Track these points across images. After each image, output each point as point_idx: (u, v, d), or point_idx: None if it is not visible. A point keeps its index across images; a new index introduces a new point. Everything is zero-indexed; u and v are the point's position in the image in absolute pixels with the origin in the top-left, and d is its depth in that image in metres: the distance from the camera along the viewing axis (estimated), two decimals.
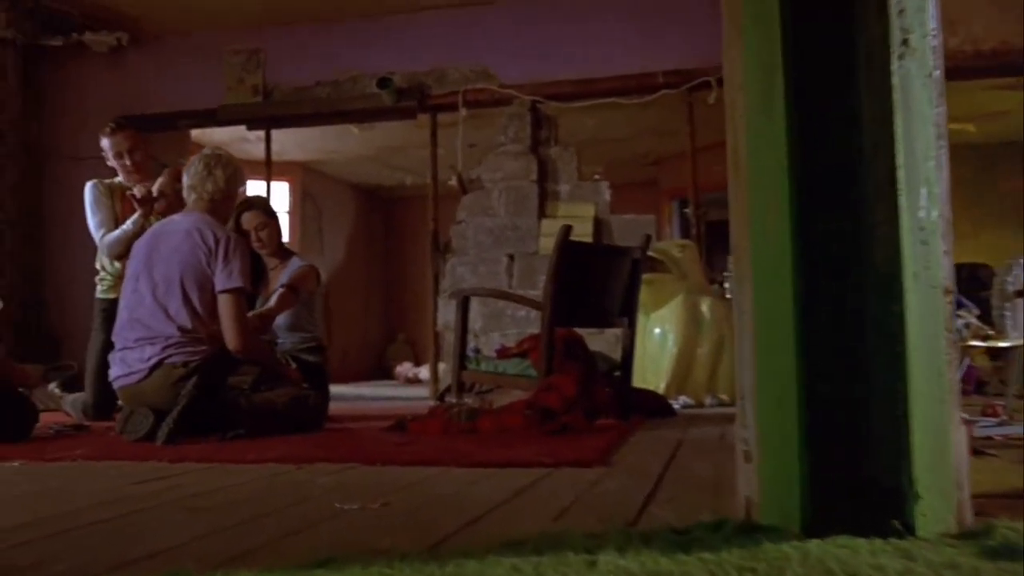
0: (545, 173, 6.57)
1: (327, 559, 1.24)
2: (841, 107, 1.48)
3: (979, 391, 5.67)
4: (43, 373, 6.29)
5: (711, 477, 2.19)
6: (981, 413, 3.60)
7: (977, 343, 4.26)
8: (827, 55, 1.49)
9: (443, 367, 6.83)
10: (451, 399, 3.75)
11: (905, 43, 1.46)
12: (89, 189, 4.51)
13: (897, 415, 1.42)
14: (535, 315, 6.41)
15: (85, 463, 2.67)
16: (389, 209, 13.52)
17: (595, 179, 6.59)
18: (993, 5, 5.86)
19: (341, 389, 8.94)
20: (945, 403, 1.43)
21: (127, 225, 4.33)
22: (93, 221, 4.45)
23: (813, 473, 1.45)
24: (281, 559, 1.30)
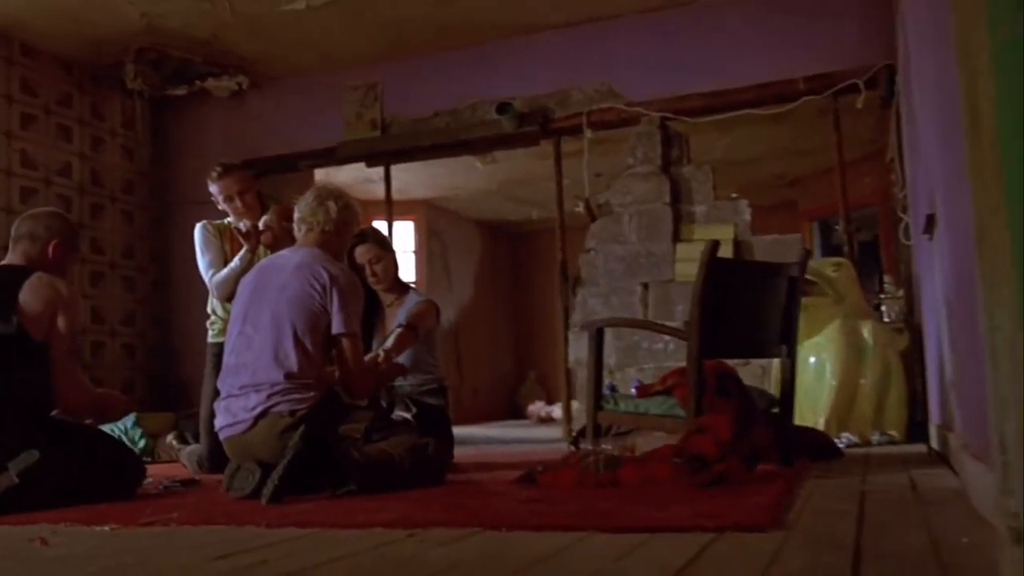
0: (678, 194, 6.11)
1: None
2: None
3: None
4: (174, 422, 6.21)
5: (927, 548, 1.69)
6: None
7: None
8: None
9: (576, 406, 6.40)
10: (586, 445, 3.32)
11: None
12: (198, 230, 4.34)
13: None
14: (674, 347, 5.93)
15: (178, 528, 2.37)
16: (515, 244, 13.27)
17: (732, 198, 6.08)
18: None
19: (471, 431, 8.64)
20: None
21: (234, 263, 4.13)
22: (203, 262, 4.26)
23: None
24: None
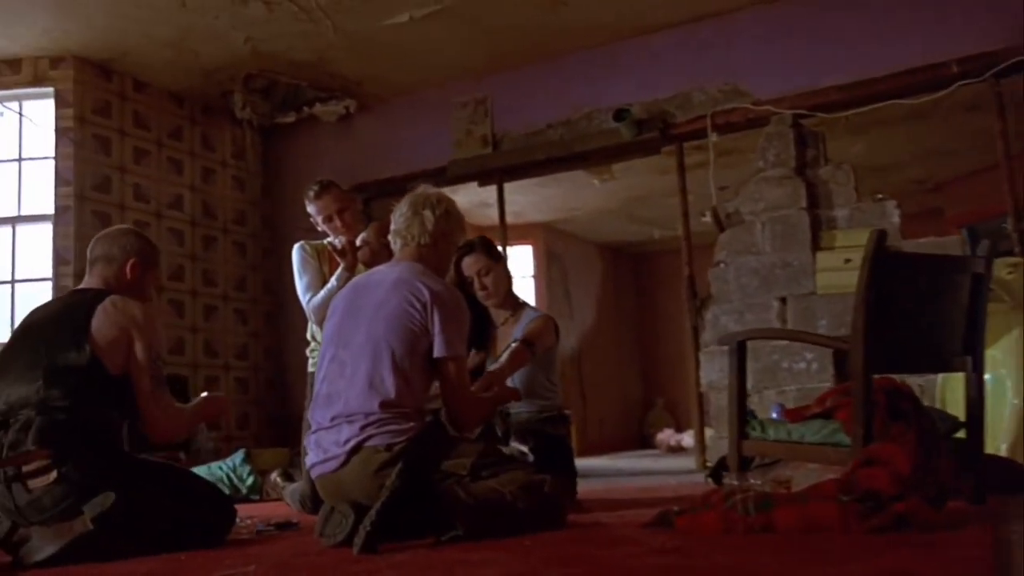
0: (816, 198, 5.54)
1: None
2: None
3: None
4: (288, 459, 5.98)
5: None
6: None
7: None
8: None
9: (710, 433, 5.87)
10: (730, 480, 2.83)
11: None
12: (296, 251, 4.08)
13: None
14: (818, 367, 5.34)
15: None
16: (637, 265, 12.78)
17: (878, 199, 5.46)
18: None
19: (597, 463, 8.17)
20: None
21: (331, 283, 3.83)
22: (300, 285, 3.99)
23: None
24: None
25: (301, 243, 4.10)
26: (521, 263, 10.58)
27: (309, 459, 2.83)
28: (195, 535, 2.77)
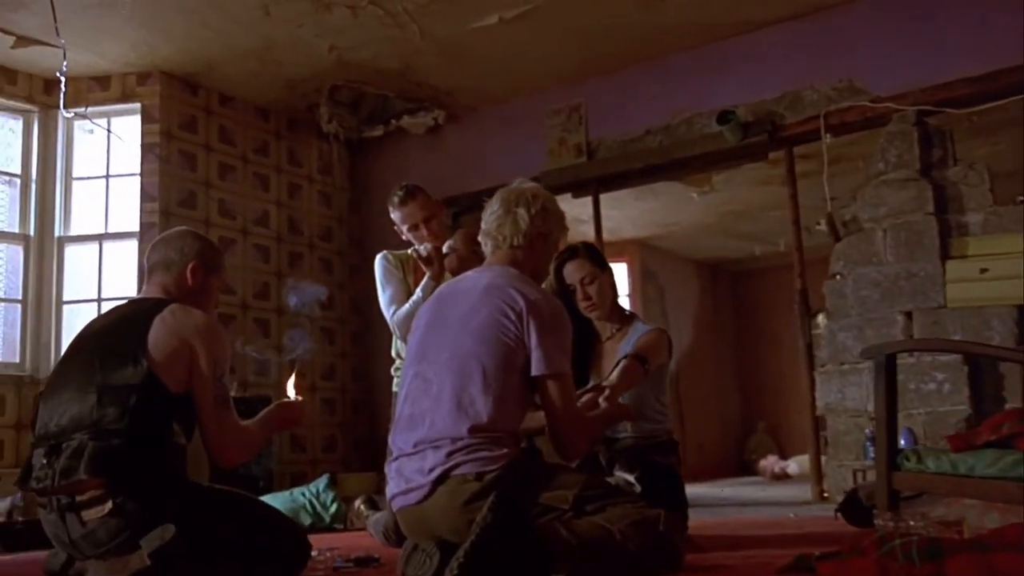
0: (944, 202, 5.03)
1: None
2: None
3: None
4: (376, 484, 5.70)
5: None
6: None
7: None
8: None
9: (826, 461, 5.37)
10: (886, 521, 2.40)
11: None
12: (378, 261, 3.79)
13: None
14: (950, 389, 4.82)
15: None
16: (737, 284, 12.27)
17: (1020, 202, 4.92)
18: None
19: (700, 490, 7.69)
20: None
21: (416, 294, 3.53)
22: (383, 297, 3.70)
23: None
24: None
25: (384, 253, 3.82)
26: (616, 281, 10.19)
27: (389, 489, 2.51)
28: (264, 571, 2.49)
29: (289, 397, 2.84)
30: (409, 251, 3.73)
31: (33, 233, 5.82)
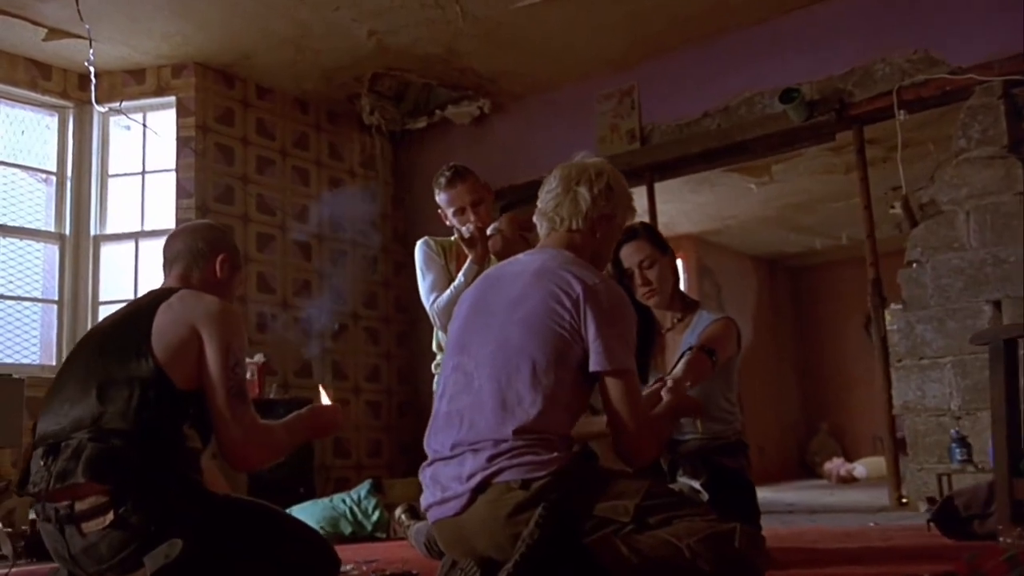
0: None
1: None
2: None
3: None
4: (420, 490, 5.43)
5: None
6: None
7: None
8: None
9: (905, 464, 4.96)
10: (1013, 539, 2.03)
11: None
12: (419, 248, 3.50)
13: None
14: None
15: None
16: (796, 280, 11.82)
17: None
18: None
19: (763, 494, 7.25)
20: None
21: (458, 279, 3.23)
22: (424, 286, 3.41)
23: None
24: None
25: (425, 239, 3.53)
26: (677, 267, 9.85)
27: (424, 499, 2.21)
28: None
29: (323, 402, 2.58)
30: (453, 238, 3.43)
31: (69, 232, 5.66)
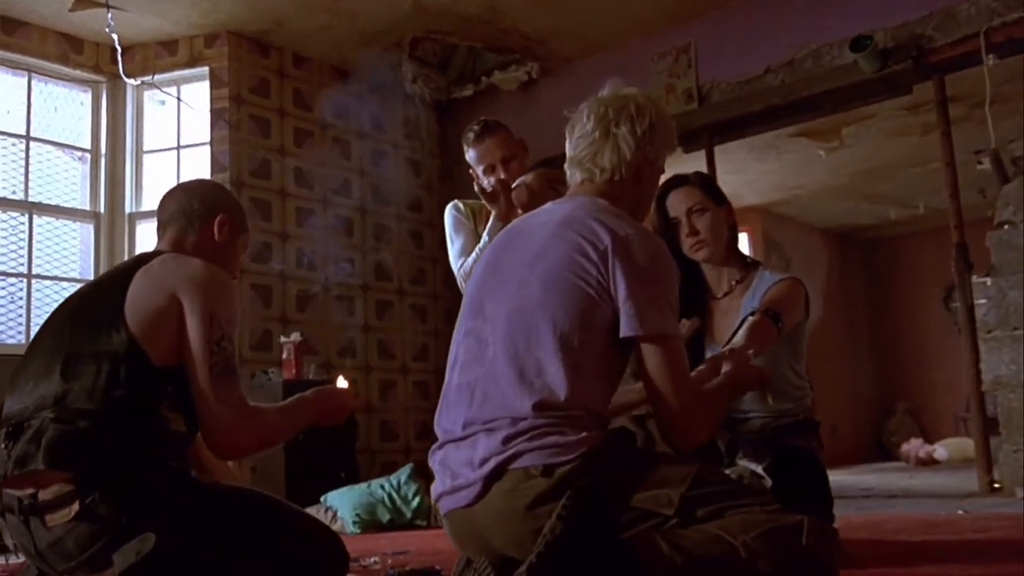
0: None
1: None
2: None
3: None
4: None
5: None
6: None
7: None
8: None
9: (997, 444, 4.51)
10: None
11: None
12: (448, 211, 3.24)
13: None
14: None
15: None
16: (869, 254, 11.26)
17: None
18: None
19: (838, 477, 6.80)
20: None
21: (483, 239, 2.94)
22: (452, 251, 3.15)
23: None
24: None
25: (454, 202, 3.27)
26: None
27: (435, 488, 1.90)
28: None
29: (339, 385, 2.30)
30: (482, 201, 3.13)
31: (104, 210, 5.49)
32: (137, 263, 2.05)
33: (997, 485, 4.44)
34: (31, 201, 5.30)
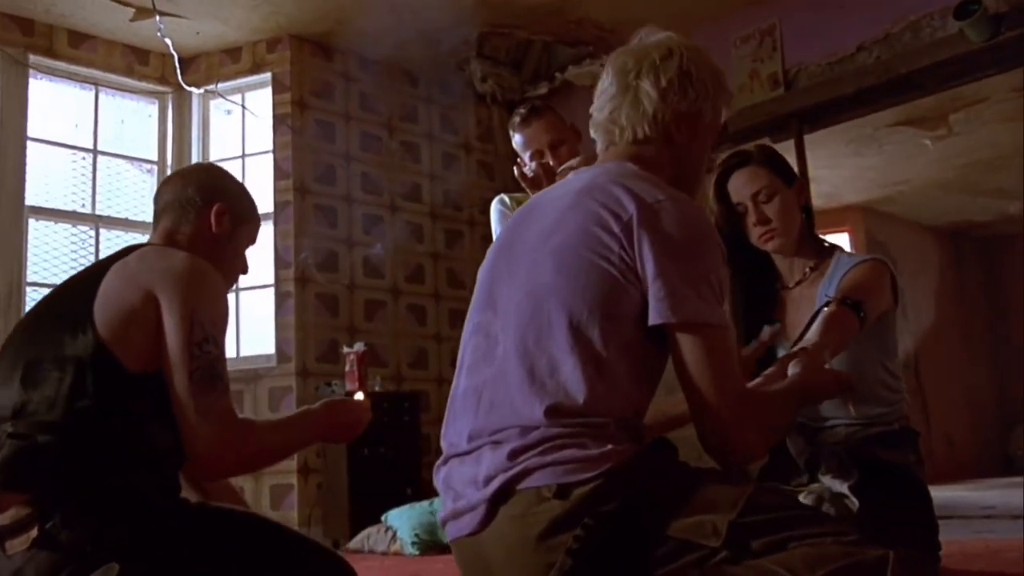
0: None
1: None
2: None
3: None
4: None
5: None
6: None
7: None
8: None
9: None
10: None
11: None
12: (494, 205, 3.05)
13: None
14: None
15: None
16: (986, 253, 10.54)
17: None
18: None
19: (953, 493, 6.29)
20: None
21: None
22: None
23: None
24: None
25: (500, 196, 3.07)
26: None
27: (442, 509, 1.61)
28: None
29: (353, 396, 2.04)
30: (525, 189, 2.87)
31: None
32: (117, 257, 1.83)
33: None
34: (98, 215, 5.25)
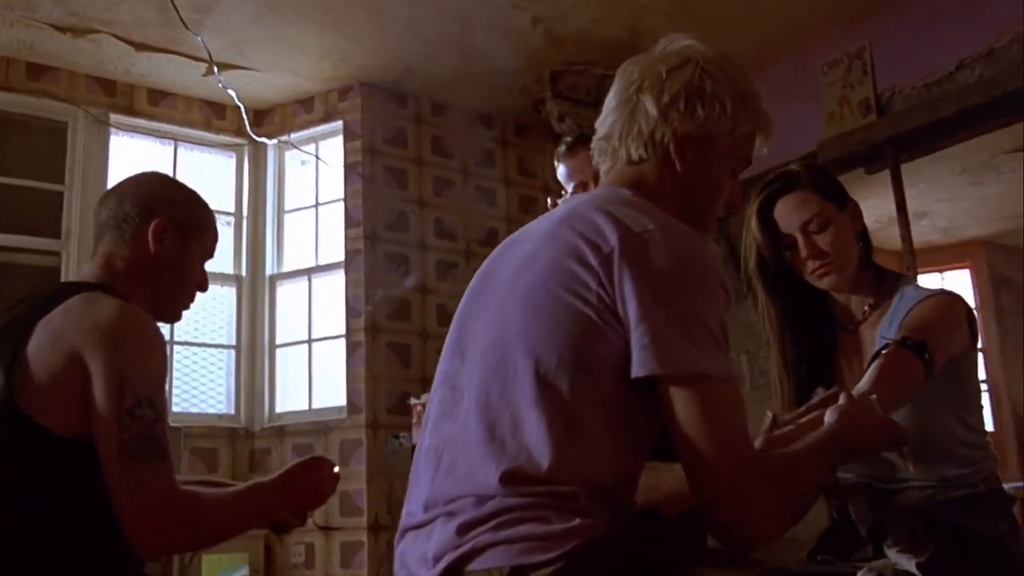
0: None
1: None
2: None
3: None
4: None
5: None
6: None
7: None
8: None
9: None
10: None
11: None
12: None
13: None
14: None
15: None
16: None
17: None
18: None
19: None
20: None
21: None
22: None
23: None
24: None
25: None
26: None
27: None
28: None
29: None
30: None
31: (246, 273, 5.38)
32: (45, 305, 1.62)
33: None
34: None
